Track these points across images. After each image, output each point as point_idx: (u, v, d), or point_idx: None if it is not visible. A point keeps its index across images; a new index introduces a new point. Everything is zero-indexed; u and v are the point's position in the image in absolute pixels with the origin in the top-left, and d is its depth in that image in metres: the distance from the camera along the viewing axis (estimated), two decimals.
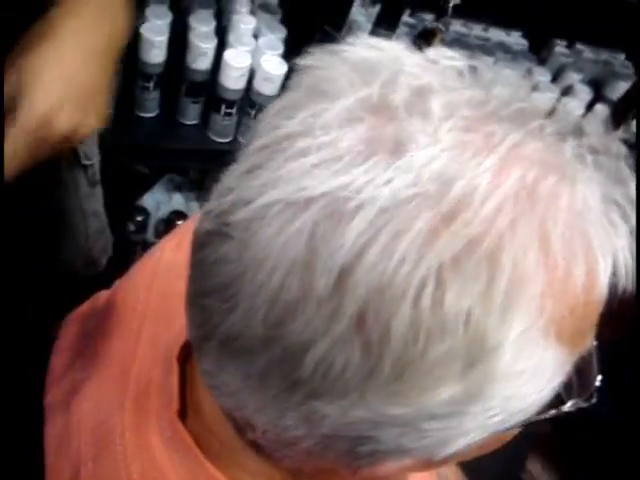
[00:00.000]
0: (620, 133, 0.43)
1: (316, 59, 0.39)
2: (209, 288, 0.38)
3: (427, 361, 0.33)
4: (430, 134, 0.33)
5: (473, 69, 0.39)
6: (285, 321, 0.34)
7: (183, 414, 0.51)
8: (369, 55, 0.38)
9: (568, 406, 0.45)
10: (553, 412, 0.45)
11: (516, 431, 0.45)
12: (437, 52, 0.39)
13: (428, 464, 0.41)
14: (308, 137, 0.35)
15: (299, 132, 0.35)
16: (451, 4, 1.44)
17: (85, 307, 0.73)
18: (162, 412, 0.52)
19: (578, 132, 0.38)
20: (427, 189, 0.32)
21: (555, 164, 0.35)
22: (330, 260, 0.32)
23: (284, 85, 1.37)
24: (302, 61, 0.39)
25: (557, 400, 0.45)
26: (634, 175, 0.39)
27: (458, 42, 1.78)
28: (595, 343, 0.46)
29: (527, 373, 0.35)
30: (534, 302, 0.33)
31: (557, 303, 0.34)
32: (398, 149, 0.33)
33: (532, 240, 0.33)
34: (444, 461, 0.42)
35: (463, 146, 0.33)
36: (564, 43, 1.84)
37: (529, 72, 1.76)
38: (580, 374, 0.46)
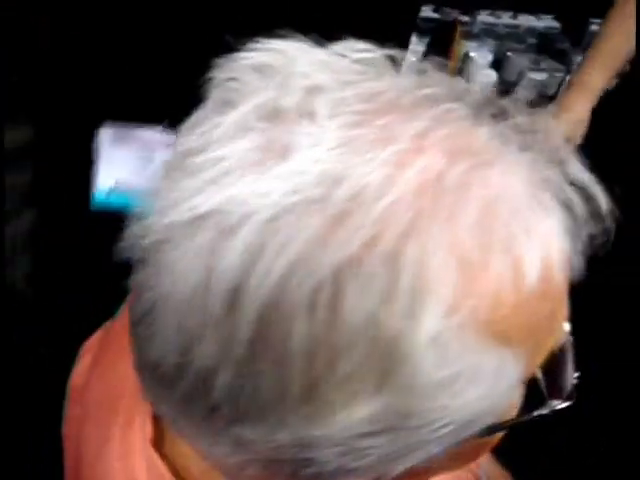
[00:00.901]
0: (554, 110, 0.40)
1: (222, 70, 0.37)
2: (136, 316, 0.37)
3: (335, 377, 0.31)
4: (314, 135, 0.32)
5: (390, 60, 0.37)
6: (192, 347, 0.32)
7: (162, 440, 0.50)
8: (268, 59, 0.36)
9: (545, 408, 0.42)
10: (534, 414, 0.42)
11: (496, 436, 0.42)
12: (347, 46, 0.37)
13: None
14: (205, 152, 0.34)
15: (197, 148, 0.34)
16: None
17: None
18: (143, 440, 0.51)
19: (501, 113, 0.35)
20: (311, 193, 0.30)
21: (468, 150, 0.32)
22: (220, 280, 0.31)
23: None
24: (210, 73, 0.38)
25: (538, 401, 0.42)
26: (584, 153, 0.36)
27: (487, 32, 1.73)
28: (569, 338, 0.43)
29: (461, 379, 0.33)
30: (444, 302, 0.30)
31: (480, 300, 0.31)
32: (285, 155, 0.31)
33: (438, 236, 0.30)
34: (407, 477, 0.39)
35: (352, 143, 0.31)
36: (599, 21, 1.77)
37: (565, 54, 1.69)
38: (553, 373, 0.42)
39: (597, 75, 1.25)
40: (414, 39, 1.47)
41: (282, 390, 0.31)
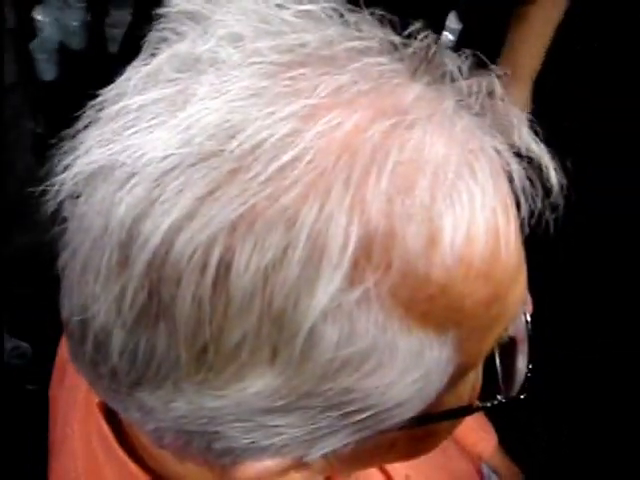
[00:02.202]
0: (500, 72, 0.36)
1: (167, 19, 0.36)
2: (58, 272, 0.36)
3: (225, 345, 0.29)
4: (216, 85, 0.30)
5: (330, 11, 0.34)
6: (90, 305, 0.31)
7: None
8: (199, 7, 0.34)
9: (490, 400, 0.39)
10: (477, 405, 0.39)
11: (439, 429, 0.40)
12: None
13: (302, 466, 0.36)
14: (116, 103, 0.32)
15: (112, 98, 0.33)
16: None
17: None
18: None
19: (440, 72, 0.32)
20: (204, 146, 0.28)
21: (390, 108, 0.29)
22: (112, 235, 0.29)
23: None
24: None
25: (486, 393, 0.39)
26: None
27: None
28: (525, 327, 0.40)
29: (370, 359, 0.30)
30: (343, 271, 0.28)
31: (390, 274, 0.28)
32: (184, 107, 0.30)
33: (341, 198, 0.28)
34: (327, 465, 0.37)
35: (257, 95, 0.29)
36: None
37: None
38: (506, 363, 0.40)
39: (528, 61, 1.15)
40: (453, 17, 1.42)
41: (174, 355, 0.30)
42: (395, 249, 0.28)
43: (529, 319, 0.39)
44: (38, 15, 1.33)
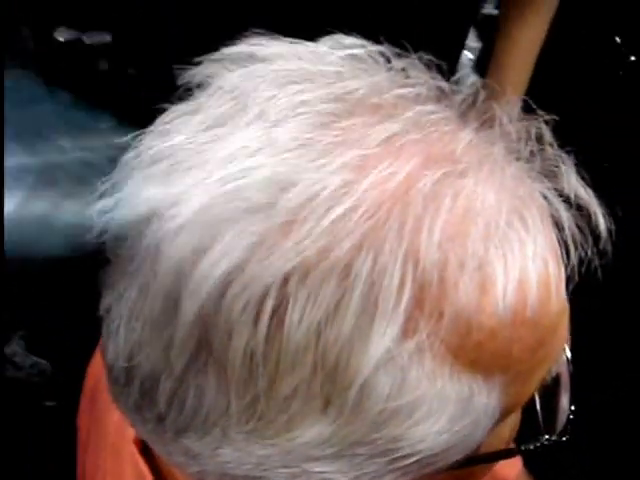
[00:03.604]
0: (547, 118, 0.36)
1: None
2: (101, 314, 0.36)
3: (277, 395, 0.29)
4: (264, 136, 0.30)
5: (377, 55, 0.34)
6: (137, 352, 0.31)
7: None
8: (248, 56, 0.34)
9: (533, 442, 0.38)
10: (520, 448, 0.39)
11: (479, 470, 0.39)
12: (335, 41, 0.35)
13: None
14: (162, 144, 0.32)
15: (156, 137, 0.33)
16: None
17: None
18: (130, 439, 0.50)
19: (488, 118, 0.32)
20: (254, 199, 0.28)
21: (442, 157, 0.29)
22: (160, 284, 0.29)
23: None
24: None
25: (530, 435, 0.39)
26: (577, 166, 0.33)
27: None
28: (567, 369, 0.39)
29: (421, 408, 0.30)
30: (397, 322, 0.28)
31: (442, 323, 0.28)
32: (231, 157, 0.30)
33: (395, 250, 0.28)
34: None
35: (308, 146, 0.29)
36: None
37: None
38: (548, 405, 0.39)
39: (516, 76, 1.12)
40: (472, 35, 1.42)
41: (223, 403, 0.30)
42: (447, 299, 0.28)
43: (570, 357, 0.39)
44: (59, 37, 1.35)
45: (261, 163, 0.29)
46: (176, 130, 0.32)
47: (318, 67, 0.33)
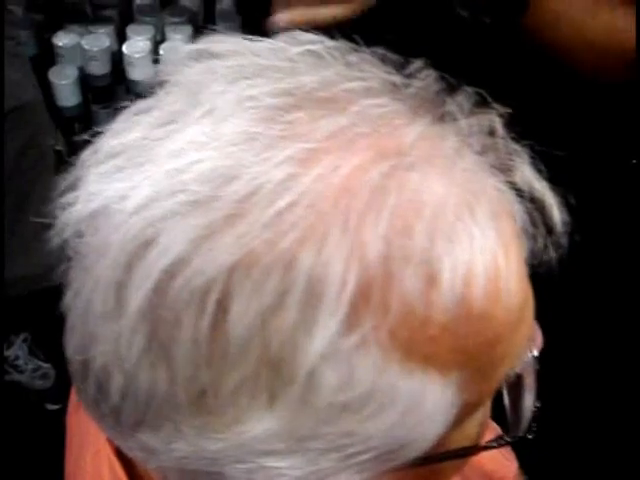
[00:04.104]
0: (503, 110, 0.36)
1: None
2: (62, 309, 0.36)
3: (223, 389, 0.29)
4: (210, 130, 0.30)
5: (334, 51, 0.34)
6: (90, 345, 0.32)
7: None
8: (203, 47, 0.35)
9: (497, 440, 0.38)
10: (482, 445, 0.38)
11: (446, 467, 0.39)
12: (294, 36, 0.35)
13: None
14: (116, 140, 0.33)
15: (113, 134, 0.33)
16: None
17: None
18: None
19: (441, 111, 0.32)
20: (196, 192, 0.28)
21: (389, 150, 0.29)
22: (105, 278, 0.30)
23: None
24: None
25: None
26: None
27: None
28: (531, 366, 0.39)
29: (372, 402, 0.30)
30: (341, 315, 0.28)
31: (389, 317, 0.28)
32: (177, 151, 0.30)
33: (339, 243, 0.28)
34: None
35: (252, 140, 0.29)
36: None
37: None
38: (513, 402, 0.39)
39: None
40: None
41: (173, 397, 0.30)
42: (393, 292, 0.28)
43: (536, 355, 0.39)
44: (59, 41, 1.36)
45: (206, 157, 0.29)
46: (131, 127, 0.33)
47: (272, 62, 0.33)
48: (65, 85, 1.33)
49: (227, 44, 0.34)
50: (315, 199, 0.28)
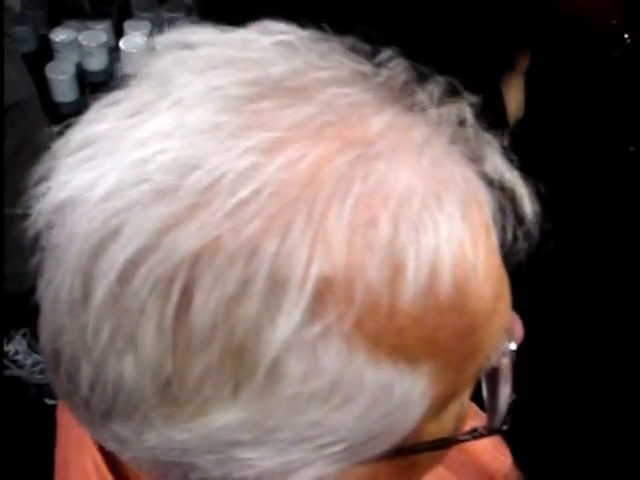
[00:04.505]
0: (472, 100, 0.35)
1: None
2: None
3: (188, 378, 0.29)
4: (176, 119, 0.30)
5: (306, 41, 0.34)
6: (60, 335, 0.32)
7: None
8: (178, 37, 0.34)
9: (471, 433, 0.38)
10: (458, 438, 0.38)
11: (424, 459, 0.39)
12: (267, 26, 0.35)
13: None
14: (83, 130, 0.33)
15: (82, 125, 0.34)
16: None
17: None
18: None
19: (410, 101, 0.31)
20: (160, 182, 0.28)
21: (354, 140, 0.29)
22: (70, 268, 0.30)
23: None
24: None
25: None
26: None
27: None
28: (508, 358, 0.39)
29: (338, 393, 0.30)
30: (304, 304, 0.28)
31: (353, 306, 0.28)
32: (142, 140, 0.30)
33: (303, 232, 0.27)
34: None
35: (216, 129, 0.29)
36: None
37: None
38: (490, 394, 0.39)
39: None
40: None
41: (140, 387, 0.30)
42: (357, 282, 0.28)
43: (514, 348, 0.39)
44: (56, 37, 1.36)
45: (170, 147, 0.29)
46: (102, 118, 0.33)
47: (243, 53, 0.33)
48: (62, 81, 1.33)
49: (199, 35, 0.34)
50: (279, 188, 0.28)
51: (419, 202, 0.29)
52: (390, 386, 0.31)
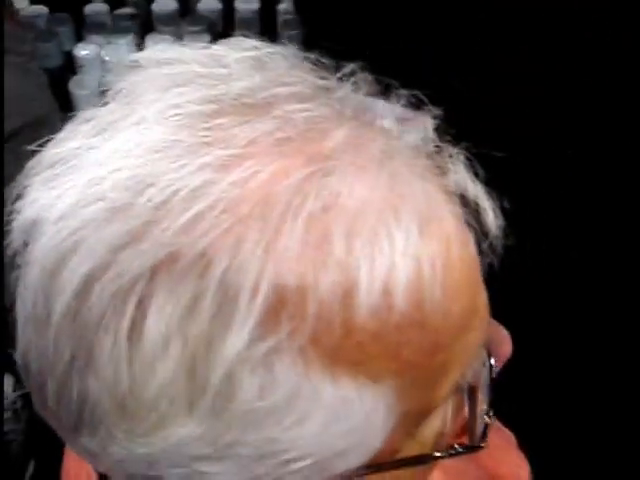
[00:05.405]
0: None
1: None
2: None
3: (144, 394, 0.29)
4: (133, 138, 0.30)
5: (275, 57, 0.34)
6: (27, 350, 0.33)
7: None
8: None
9: (446, 451, 0.37)
10: (433, 455, 0.37)
11: (405, 474, 0.38)
12: (236, 42, 0.35)
13: None
14: (52, 149, 0.34)
15: (54, 143, 0.34)
16: None
17: None
18: None
19: (370, 116, 0.31)
20: (114, 200, 0.29)
21: (312, 155, 0.29)
22: (36, 284, 0.31)
23: None
24: None
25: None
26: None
27: None
28: (486, 376, 0.38)
29: (295, 409, 0.30)
30: (256, 321, 0.28)
31: (307, 322, 0.28)
32: (102, 159, 0.31)
33: (254, 248, 0.28)
34: None
35: (170, 147, 0.29)
36: None
37: None
38: (470, 411, 0.38)
39: None
40: None
41: (101, 402, 0.30)
42: (309, 298, 0.28)
43: (493, 364, 0.38)
44: (79, 52, 1.39)
45: (125, 165, 0.29)
46: (71, 136, 0.33)
47: (208, 70, 0.33)
48: (85, 95, 1.35)
49: (168, 52, 0.35)
50: (231, 205, 0.28)
51: (375, 216, 0.29)
52: (351, 402, 0.30)
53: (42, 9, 1.44)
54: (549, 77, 0.82)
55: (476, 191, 0.31)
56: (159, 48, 0.36)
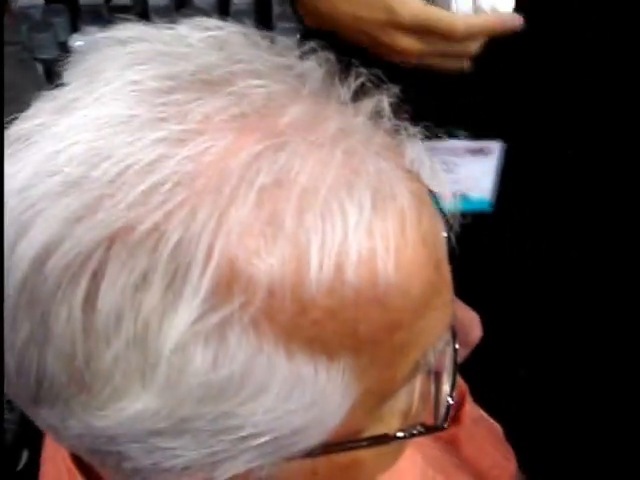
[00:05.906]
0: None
1: None
2: None
3: (98, 366, 0.29)
4: (90, 113, 0.31)
5: (237, 36, 0.34)
6: None
7: None
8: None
9: (408, 431, 0.37)
10: (395, 436, 0.37)
11: (366, 455, 0.38)
12: (199, 22, 0.35)
13: None
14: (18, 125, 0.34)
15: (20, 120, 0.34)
16: None
17: None
18: None
19: (326, 94, 0.31)
20: (71, 172, 0.29)
21: (265, 130, 0.29)
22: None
23: None
24: None
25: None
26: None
27: None
28: (450, 358, 0.38)
29: (248, 384, 0.30)
30: (206, 293, 0.28)
31: (256, 296, 0.28)
32: (61, 134, 0.31)
33: (206, 222, 0.28)
34: None
35: (126, 122, 0.30)
36: None
37: None
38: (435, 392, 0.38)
39: None
40: None
41: (58, 375, 0.30)
42: (260, 272, 0.28)
43: (457, 347, 0.38)
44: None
45: (81, 139, 0.30)
46: (37, 113, 0.34)
47: (171, 48, 0.33)
48: None
49: (132, 31, 0.35)
50: (184, 178, 0.28)
51: (327, 192, 0.29)
52: (306, 378, 0.31)
53: (37, 0, 1.45)
54: (549, 77, 0.82)
55: (433, 169, 0.31)
56: (124, 27, 0.36)
